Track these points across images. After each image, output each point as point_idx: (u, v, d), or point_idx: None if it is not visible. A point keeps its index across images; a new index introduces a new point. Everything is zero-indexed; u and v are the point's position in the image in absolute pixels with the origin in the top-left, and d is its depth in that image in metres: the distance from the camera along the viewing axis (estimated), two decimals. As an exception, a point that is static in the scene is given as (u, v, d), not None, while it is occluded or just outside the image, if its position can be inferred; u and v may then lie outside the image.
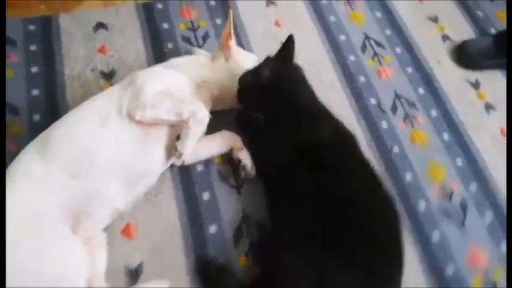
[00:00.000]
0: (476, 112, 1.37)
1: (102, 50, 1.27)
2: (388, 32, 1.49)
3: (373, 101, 1.32)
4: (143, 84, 0.95)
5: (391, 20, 1.53)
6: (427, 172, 1.21)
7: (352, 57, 1.40)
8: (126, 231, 1.00)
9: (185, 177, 1.09)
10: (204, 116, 0.96)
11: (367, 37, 1.46)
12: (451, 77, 1.42)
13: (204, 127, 0.98)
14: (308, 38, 1.42)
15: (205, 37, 1.35)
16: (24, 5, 1.33)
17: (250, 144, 1.10)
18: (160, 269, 0.97)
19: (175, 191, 1.07)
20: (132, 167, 0.93)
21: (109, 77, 1.22)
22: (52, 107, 1.13)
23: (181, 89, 1.01)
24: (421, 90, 1.37)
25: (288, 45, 1.01)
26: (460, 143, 1.29)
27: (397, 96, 1.34)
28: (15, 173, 0.85)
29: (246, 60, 1.12)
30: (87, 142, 0.89)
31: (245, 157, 1.09)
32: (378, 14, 1.53)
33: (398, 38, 1.48)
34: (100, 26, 1.31)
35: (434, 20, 1.56)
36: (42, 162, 0.86)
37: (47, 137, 0.90)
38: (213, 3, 1.44)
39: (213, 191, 1.08)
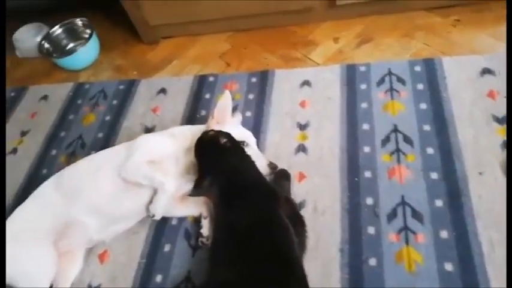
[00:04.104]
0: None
1: (155, 110, 1.62)
2: (427, 127, 1.29)
3: (369, 201, 1.18)
4: (136, 150, 1.22)
5: (439, 114, 1.31)
6: (400, 301, 1.00)
7: (366, 149, 1.29)
8: (102, 256, 1.26)
9: (159, 227, 1.27)
10: (169, 188, 1.18)
11: (395, 130, 1.31)
12: (491, 195, 1.11)
13: (168, 197, 1.18)
14: (327, 121, 1.39)
15: (233, 109, 1.51)
16: (125, 71, 1.84)
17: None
18: (109, 296, 1.17)
19: (147, 236, 1.27)
20: (108, 211, 1.20)
21: (149, 131, 1.54)
22: (104, 147, 1.52)
23: (167, 159, 1.23)
24: (439, 203, 1.13)
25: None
26: (465, 281, 0.99)
27: (404, 203, 1.15)
28: (38, 192, 1.22)
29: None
30: (81, 182, 1.21)
31: (205, 226, 1.20)
32: (423, 106, 1.35)
33: (438, 137, 1.26)
34: (162, 91, 1.68)
35: (502, 121, 1.26)
36: (53, 189, 1.22)
37: (63, 172, 1.26)
38: (254, 80, 1.61)
39: (174, 245, 1.23)
